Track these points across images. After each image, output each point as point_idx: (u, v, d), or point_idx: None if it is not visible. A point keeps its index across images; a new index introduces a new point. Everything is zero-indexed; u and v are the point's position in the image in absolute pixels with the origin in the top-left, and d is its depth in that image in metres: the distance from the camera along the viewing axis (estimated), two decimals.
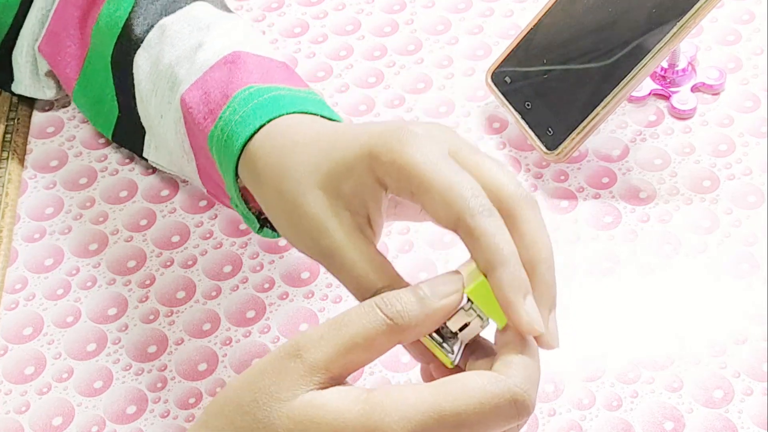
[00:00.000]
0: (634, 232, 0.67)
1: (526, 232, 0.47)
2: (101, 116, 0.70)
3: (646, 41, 0.67)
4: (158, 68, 0.63)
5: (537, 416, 0.59)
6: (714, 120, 0.73)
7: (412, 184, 0.47)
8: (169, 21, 0.65)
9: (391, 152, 0.47)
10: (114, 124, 0.70)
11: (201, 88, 0.59)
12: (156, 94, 0.63)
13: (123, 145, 0.71)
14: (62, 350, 0.64)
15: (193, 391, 0.62)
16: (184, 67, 0.61)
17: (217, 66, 0.60)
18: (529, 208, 0.47)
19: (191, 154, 0.62)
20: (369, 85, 0.77)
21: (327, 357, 0.44)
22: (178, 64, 0.62)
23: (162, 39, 0.64)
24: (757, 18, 0.79)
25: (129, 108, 0.67)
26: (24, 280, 0.67)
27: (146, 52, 0.65)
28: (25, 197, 0.71)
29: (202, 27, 0.63)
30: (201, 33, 0.63)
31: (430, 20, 0.81)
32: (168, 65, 0.63)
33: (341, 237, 0.49)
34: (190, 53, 0.62)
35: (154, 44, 0.64)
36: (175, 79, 0.62)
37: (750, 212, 0.68)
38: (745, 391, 0.60)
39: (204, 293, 0.66)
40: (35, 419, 0.61)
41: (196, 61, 0.61)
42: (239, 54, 0.60)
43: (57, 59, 0.70)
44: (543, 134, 0.69)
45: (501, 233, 0.46)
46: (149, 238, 0.69)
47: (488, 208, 0.46)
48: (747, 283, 0.64)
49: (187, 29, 0.64)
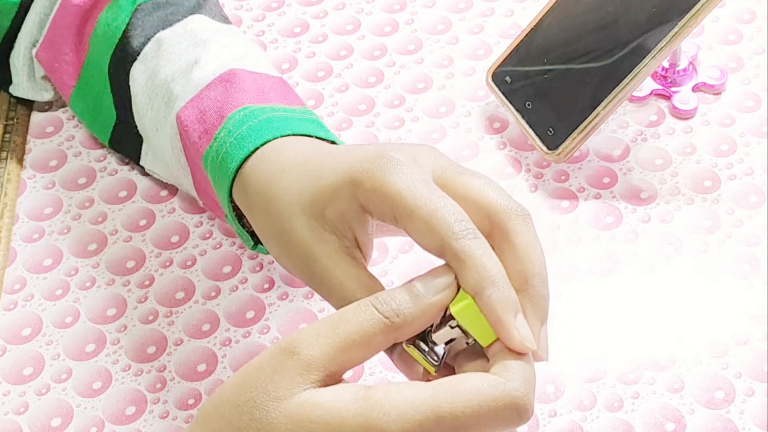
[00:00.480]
0: (635, 232, 0.67)
1: (518, 245, 0.47)
2: (98, 123, 0.70)
3: (647, 41, 0.67)
4: (154, 83, 0.64)
5: (538, 417, 0.59)
6: (715, 120, 0.72)
7: (396, 211, 0.47)
8: (165, 35, 0.65)
9: (372, 180, 0.48)
10: (111, 131, 0.70)
11: (197, 107, 0.60)
12: (152, 108, 0.64)
13: (120, 152, 0.71)
14: (61, 351, 0.63)
15: (193, 391, 0.61)
16: (180, 83, 0.62)
17: (213, 84, 0.60)
18: (521, 221, 0.47)
19: (187, 168, 0.62)
20: (369, 84, 0.76)
21: (324, 355, 0.44)
22: (173, 80, 0.62)
23: (158, 53, 0.64)
24: (758, 17, 0.78)
25: (126, 117, 0.68)
26: (23, 281, 0.67)
27: (143, 65, 0.65)
28: (24, 197, 0.71)
29: (199, 43, 0.63)
30: (197, 49, 0.63)
31: (430, 20, 0.80)
32: (164, 81, 0.63)
33: (329, 262, 0.50)
34: (186, 70, 0.62)
35: (150, 58, 0.65)
36: (170, 96, 0.62)
37: (751, 212, 0.67)
38: (747, 392, 0.59)
39: (203, 294, 0.66)
40: (34, 420, 0.61)
41: (192, 79, 0.61)
42: (235, 72, 0.60)
43: (54, 66, 0.70)
44: (544, 134, 0.69)
45: (487, 254, 0.46)
46: (148, 238, 0.69)
47: (472, 231, 0.46)
48: (748, 283, 0.64)
49: (183, 44, 0.64)
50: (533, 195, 0.69)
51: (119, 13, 0.67)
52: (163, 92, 0.63)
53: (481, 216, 0.47)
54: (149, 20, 0.66)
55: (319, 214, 0.50)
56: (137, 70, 0.65)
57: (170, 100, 0.62)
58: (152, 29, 0.65)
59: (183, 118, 0.60)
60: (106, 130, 0.70)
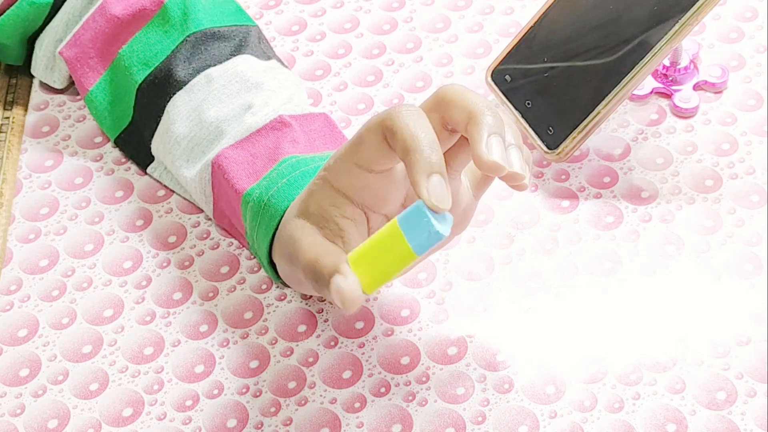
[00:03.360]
0: (636, 232, 0.67)
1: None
2: (106, 125, 0.73)
3: (647, 39, 0.66)
4: (201, 117, 0.67)
5: (538, 418, 0.59)
6: (716, 118, 0.72)
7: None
8: (216, 73, 0.68)
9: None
10: (118, 135, 0.72)
11: (247, 149, 0.65)
12: (190, 140, 0.67)
13: (124, 152, 0.73)
14: (57, 352, 0.63)
15: (190, 393, 0.61)
16: (232, 125, 0.66)
17: (264, 130, 0.65)
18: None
19: (211, 197, 0.66)
20: (368, 83, 0.76)
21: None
22: (225, 121, 0.66)
23: (208, 88, 0.68)
24: (760, 15, 0.78)
25: (140, 133, 0.71)
26: (19, 281, 0.66)
27: (188, 95, 0.68)
28: (19, 197, 0.71)
29: (250, 87, 0.68)
30: (249, 94, 0.67)
31: (429, 18, 0.80)
32: (215, 119, 0.67)
33: (304, 239, 0.56)
34: (239, 113, 0.67)
35: (197, 90, 0.68)
36: (219, 134, 0.66)
37: (753, 212, 0.67)
38: (749, 393, 0.59)
39: (201, 294, 0.65)
40: (30, 422, 0.60)
41: (244, 121, 0.66)
42: (284, 120, 0.65)
43: (76, 66, 0.73)
44: (544, 133, 0.69)
45: (417, 124, 0.52)
46: (145, 238, 0.68)
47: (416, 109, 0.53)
48: (750, 283, 0.64)
49: (235, 87, 0.68)
50: (533, 195, 0.69)
51: (165, 38, 0.70)
52: (213, 129, 0.67)
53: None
54: (198, 53, 0.69)
55: (304, 212, 0.57)
56: (181, 99, 0.68)
57: (217, 138, 0.66)
58: (201, 63, 0.69)
59: (228, 155, 0.65)
60: (113, 133, 0.72)
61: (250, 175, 0.64)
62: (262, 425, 0.59)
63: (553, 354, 0.62)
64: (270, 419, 0.60)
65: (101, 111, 0.72)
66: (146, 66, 0.70)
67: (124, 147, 0.72)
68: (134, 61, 0.70)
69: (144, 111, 0.70)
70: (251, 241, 0.63)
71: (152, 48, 0.70)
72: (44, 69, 0.75)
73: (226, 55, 0.69)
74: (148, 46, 0.70)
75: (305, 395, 0.61)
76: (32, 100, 0.77)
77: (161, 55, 0.70)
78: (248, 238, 0.63)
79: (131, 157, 0.72)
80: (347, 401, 0.60)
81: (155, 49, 0.70)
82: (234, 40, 0.70)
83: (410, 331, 0.63)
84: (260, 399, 0.61)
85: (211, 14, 0.71)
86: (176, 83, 0.69)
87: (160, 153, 0.69)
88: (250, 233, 0.63)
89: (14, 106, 0.76)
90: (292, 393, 0.61)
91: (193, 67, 0.69)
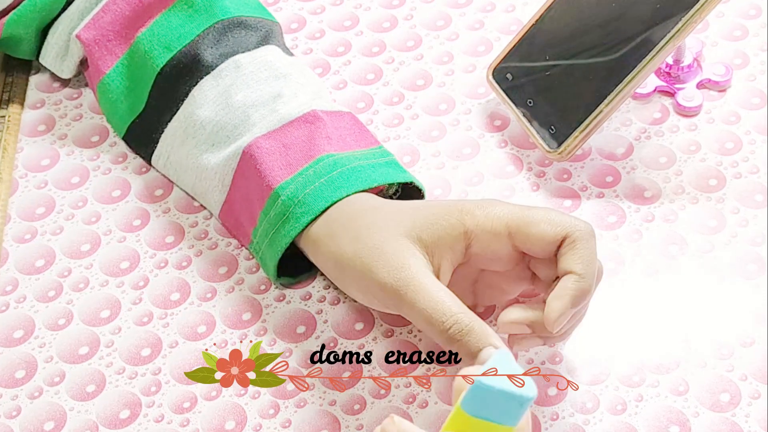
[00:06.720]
0: (639, 231, 0.66)
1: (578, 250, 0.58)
2: (118, 113, 0.72)
3: (650, 37, 0.66)
4: (228, 101, 0.67)
5: (540, 420, 0.58)
6: (720, 117, 0.72)
7: (510, 227, 0.58)
8: (244, 60, 0.68)
9: (481, 208, 0.59)
10: (129, 125, 0.71)
11: (279, 140, 0.64)
12: (216, 124, 0.67)
13: (131, 144, 0.72)
14: (54, 353, 0.63)
15: (188, 395, 0.61)
16: (260, 112, 0.66)
17: (297, 122, 0.65)
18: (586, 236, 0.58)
19: (227, 188, 0.65)
20: (367, 81, 0.76)
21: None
22: (253, 106, 0.66)
23: (236, 74, 0.67)
24: (763, 13, 0.78)
25: (156, 119, 0.70)
26: (14, 282, 0.66)
27: (215, 80, 0.68)
28: (15, 197, 0.70)
29: (279, 76, 0.68)
30: (278, 82, 0.67)
31: (429, 15, 0.80)
32: (242, 104, 0.66)
33: (418, 270, 0.56)
34: (269, 101, 0.66)
35: (224, 75, 0.68)
36: (247, 120, 0.66)
37: (757, 212, 0.67)
38: (753, 395, 0.59)
39: (199, 295, 0.65)
40: (26, 424, 0.60)
41: (276, 110, 0.66)
42: (317, 114, 0.65)
43: (94, 49, 0.72)
44: (545, 132, 0.69)
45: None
46: (143, 238, 0.68)
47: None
48: (754, 284, 0.64)
49: (263, 74, 0.68)
50: (535, 194, 0.69)
51: (188, 23, 0.70)
52: (240, 114, 0.66)
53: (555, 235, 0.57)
54: (225, 39, 0.69)
55: (416, 237, 0.58)
56: (208, 84, 0.68)
57: (244, 124, 0.66)
58: (229, 49, 0.69)
59: (261, 145, 0.64)
60: (125, 120, 0.71)
61: (283, 167, 0.63)
62: (260, 427, 0.59)
63: (553, 354, 0.61)
64: (269, 421, 0.59)
65: (116, 96, 0.71)
66: (168, 50, 0.69)
67: (134, 135, 0.71)
68: (155, 45, 0.70)
69: (164, 95, 0.69)
70: (259, 239, 0.62)
71: (175, 31, 0.70)
72: (54, 57, 0.75)
73: (254, 43, 0.69)
74: (170, 30, 0.70)
75: (304, 397, 0.60)
76: (28, 99, 0.76)
77: (184, 38, 0.69)
78: (254, 236, 0.63)
79: (138, 146, 0.71)
80: (347, 403, 0.60)
81: (178, 33, 0.69)
82: (260, 31, 0.70)
83: (410, 332, 0.63)
84: (259, 401, 0.60)
85: (237, 3, 0.71)
86: (203, 68, 0.68)
87: (177, 139, 0.68)
88: (265, 228, 0.62)
89: (10, 104, 0.76)
90: (291, 395, 0.60)
91: (220, 53, 0.68)
